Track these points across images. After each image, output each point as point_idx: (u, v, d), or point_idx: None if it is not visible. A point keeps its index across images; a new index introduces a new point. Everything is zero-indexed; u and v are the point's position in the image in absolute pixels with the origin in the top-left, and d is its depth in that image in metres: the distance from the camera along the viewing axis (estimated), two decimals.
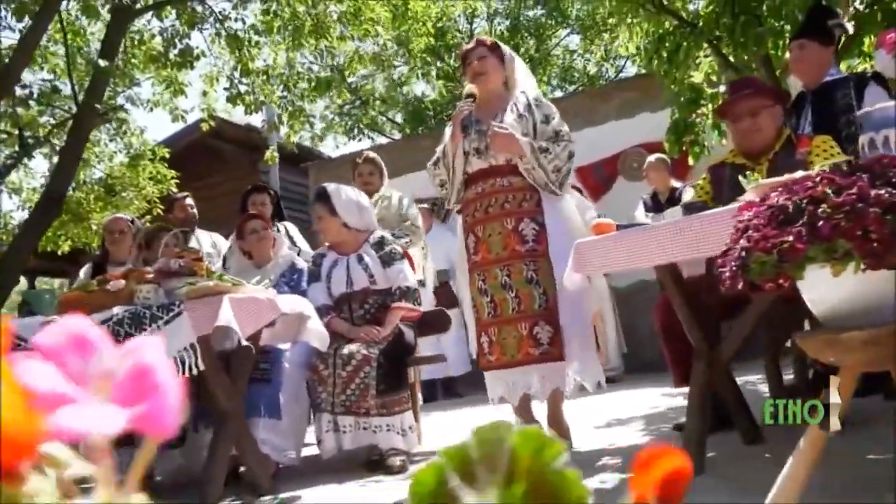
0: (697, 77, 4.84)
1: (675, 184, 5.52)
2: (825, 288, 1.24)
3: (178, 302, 2.25)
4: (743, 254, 1.34)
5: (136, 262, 3.75)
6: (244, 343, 2.34)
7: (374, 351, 2.86)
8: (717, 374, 2.14)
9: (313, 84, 5.28)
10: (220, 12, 4.98)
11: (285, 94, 5.35)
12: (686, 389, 2.26)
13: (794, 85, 4.06)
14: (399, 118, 10.81)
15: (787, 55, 3.11)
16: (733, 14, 4.01)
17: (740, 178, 1.90)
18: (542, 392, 2.49)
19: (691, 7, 4.98)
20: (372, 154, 3.96)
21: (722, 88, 4.76)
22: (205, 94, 5.59)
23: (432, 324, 3.35)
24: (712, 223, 1.80)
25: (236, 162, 7.93)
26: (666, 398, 3.71)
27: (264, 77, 5.16)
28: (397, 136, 11.28)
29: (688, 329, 2.15)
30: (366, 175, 3.85)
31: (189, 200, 4.89)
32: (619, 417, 3.29)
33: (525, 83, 2.90)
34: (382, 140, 10.98)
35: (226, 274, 2.69)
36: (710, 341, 2.13)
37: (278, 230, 4.02)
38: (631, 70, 10.19)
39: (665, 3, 4.61)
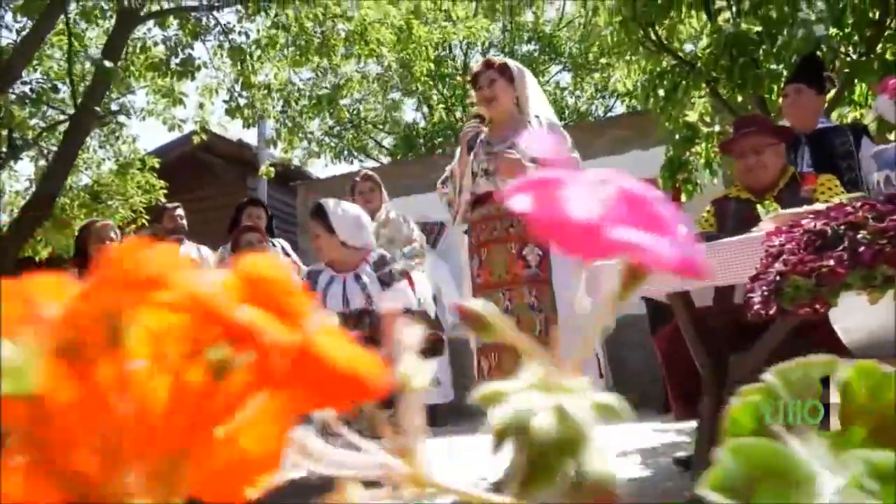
0: (692, 116, 4.92)
1: None
2: (861, 315, 1.23)
3: None
4: (777, 278, 1.33)
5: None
6: None
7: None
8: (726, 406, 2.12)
9: (313, 101, 5.26)
10: (224, 24, 4.98)
11: (286, 109, 5.32)
12: (679, 424, 2.24)
13: None
14: (388, 142, 10.84)
15: (782, 99, 3.17)
16: (731, 56, 4.09)
17: (759, 207, 1.90)
18: None
19: (688, 48, 5.09)
20: (371, 172, 3.94)
21: (717, 128, 4.84)
22: (201, 106, 5.55)
23: (429, 348, 3.29)
24: (734, 251, 1.79)
25: (226, 177, 7.86)
26: (657, 434, 3.68)
27: (265, 91, 5.13)
28: (385, 160, 11.30)
29: (698, 359, 2.13)
30: (367, 193, 3.82)
31: (180, 211, 4.83)
32: (614, 450, 3.25)
33: (538, 102, 2.90)
34: (371, 164, 10.99)
35: None
36: (720, 373, 2.11)
37: (273, 245, 3.96)
38: (619, 109, 10.36)
39: (664, 42, 4.70)
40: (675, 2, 4.20)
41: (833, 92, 3.66)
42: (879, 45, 3.84)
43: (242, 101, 5.13)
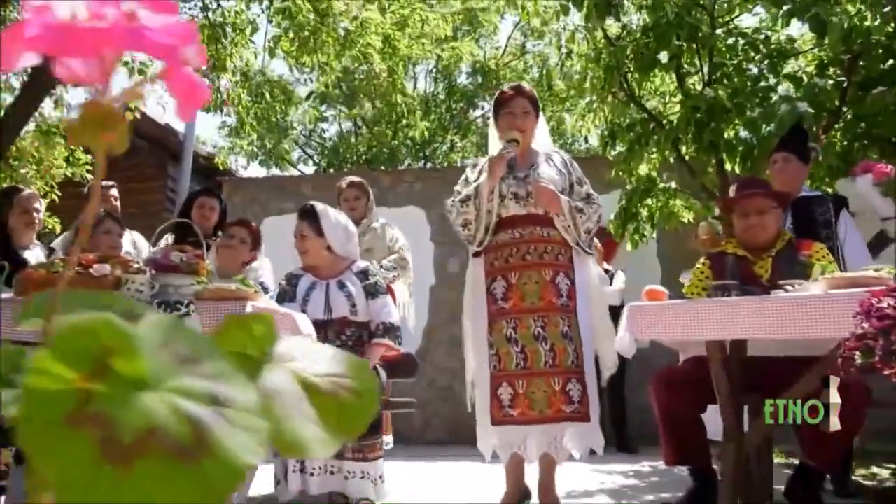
0: (643, 169, 5.11)
1: (606, 266, 5.73)
2: None
3: (186, 301, 1.93)
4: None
5: (66, 250, 3.26)
6: None
7: None
8: (747, 456, 2.14)
9: (282, 98, 4.98)
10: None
11: (259, 100, 4.99)
12: (637, 465, 2.23)
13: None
14: (310, 152, 10.54)
15: (770, 165, 3.34)
16: (702, 121, 4.30)
17: (816, 265, 1.95)
18: (561, 452, 2.38)
19: (650, 103, 5.30)
20: (358, 179, 3.76)
21: (673, 184, 5.06)
22: (152, 80, 5.09)
23: (402, 368, 3.15)
24: (795, 307, 1.82)
25: (146, 162, 7.28)
26: (618, 475, 3.70)
27: (241, 78, 4.79)
28: (308, 170, 10.97)
29: (724, 408, 2.15)
30: (351, 200, 3.62)
31: (115, 191, 4.39)
32: (605, 489, 3.23)
33: (547, 138, 2.92)
34: (293, 172, 10.62)
35: (248, 278, 2.37)
36: (741, 423, 2.14)
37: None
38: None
39: (634, 94, 4.88)
40: (656, 61, 4.37)
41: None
42: (835, 133, 4.18)
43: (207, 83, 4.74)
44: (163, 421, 0.24)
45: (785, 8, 3.66)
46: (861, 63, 3.99)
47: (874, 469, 3.95)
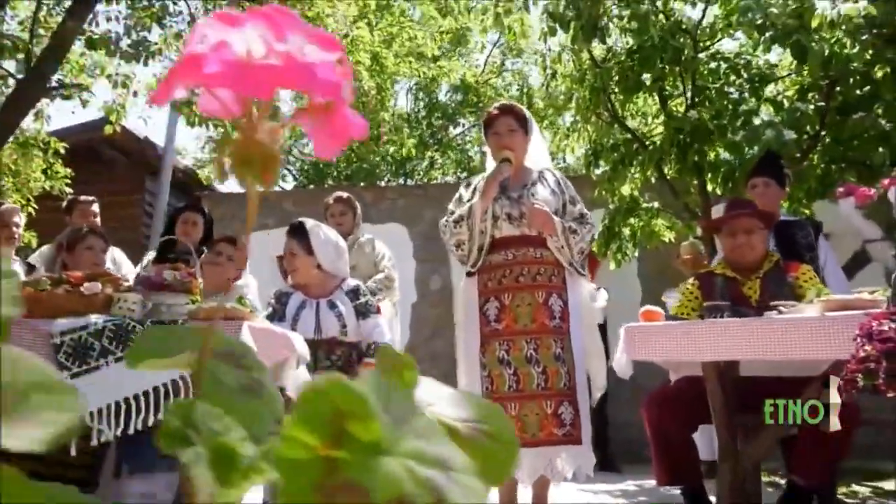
0: (625, 189, 5.17)
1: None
2: None
3: (180, 321, 1.89)
4: None
5: (52, 267, 3.19)
6: None
7: None
8: (743, 476, 2.15)
9: (275, 112, 4.92)
10: (193, 11, 4.55)
11: None
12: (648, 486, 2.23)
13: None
14: (293, 169, 10.50)
15: (750, 189, 3.40)
16: (685, 142, 4.37)
17: (812, 288, 1.98)
18: (556, 474, 2.37)
19: (631, 123, 5.38)
20: (345, 194, 3.73)
21: (656, 204, 5.12)
22: (135, 94, 5.03)
23: None
24: (794, 329, 1.84)
25: (124, 176, 7.18)
26: (629, 496, 3.70)
27: None
28: (286, 186, 10.90)
29: (719, 428, 2.16)
30: (338, 216, 3.59)
31: (95, 207, 4.30)
32: None
33: (541, 152, 2.91)
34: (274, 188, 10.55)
35: (245, 298, 2.33)
36: (736, 443, 2.15)
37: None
38: None
39: (618, 115, 4.95)
40: (641, 83, 4.44)
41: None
42: (814, 156, 4.27)
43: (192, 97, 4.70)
44: (409, 488, 0.23)
45: (767, 35, 3.75)
46: (838, 88, 4.10)
47: (854, 487, 4.00)
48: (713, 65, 4.54)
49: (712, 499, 2.57)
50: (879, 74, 3.81)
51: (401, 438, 0.25)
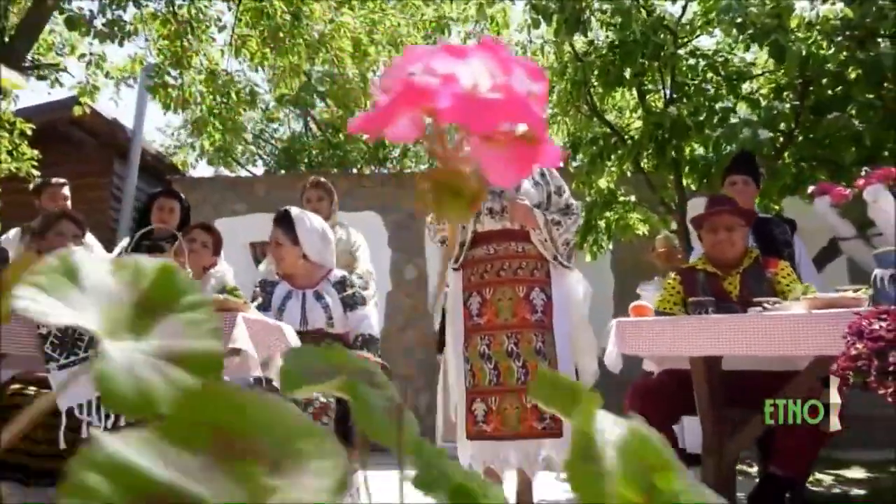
0: (602, 183, 5.23)
1: None
2: None
3: None
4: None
5: (17, 252, 3.09)
6: (257, 375, 1.97)
7: (332, 398, 2.58)
8: (726, 470, 2.21)
9: (246, 97, 4.83)
10: None
11: (224, 100, 4.82)
12: None
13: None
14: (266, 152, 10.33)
15: (728, 186, 3.46)
16: (663, 137, 4.43)
17: (798, 286, 2.04)
18: (536, 467, 2.39)
19: (609, 117, 5.43)
20: (322, 179, 3.67)
21: (633, 198, 5.19)
22: (107, 75, 4.87)
23: None
24: (783, 325, 1.89)
25: (91, 158, 6.99)
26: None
27: (208, 74, 4.61)
28: (257, 171, 10.75)
29: (704, 423, 2.21)
30: (314, 201, 3.50)
31: (66, 190, 4.19)
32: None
33: None
34: (241, 171, 10.38)
35: (238, 288, 2.29)
36: (721, 437, 2.20)
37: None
38: None
39: (597, 109, 4.99)
40: (622, 78, 4.48)
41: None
42: (787, 154, 4.37)
43: (170, 81, 4.57)
44: None
45: (747, 32, 3.81)
46: (811, 88, 4.20)
47: (818, 475, 4.14)
48: (692, 61, 4.60)
49: None
50: (853, 76, 3.91)
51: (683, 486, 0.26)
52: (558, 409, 0.31)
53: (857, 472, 4.34)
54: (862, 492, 3.75)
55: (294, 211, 3.03)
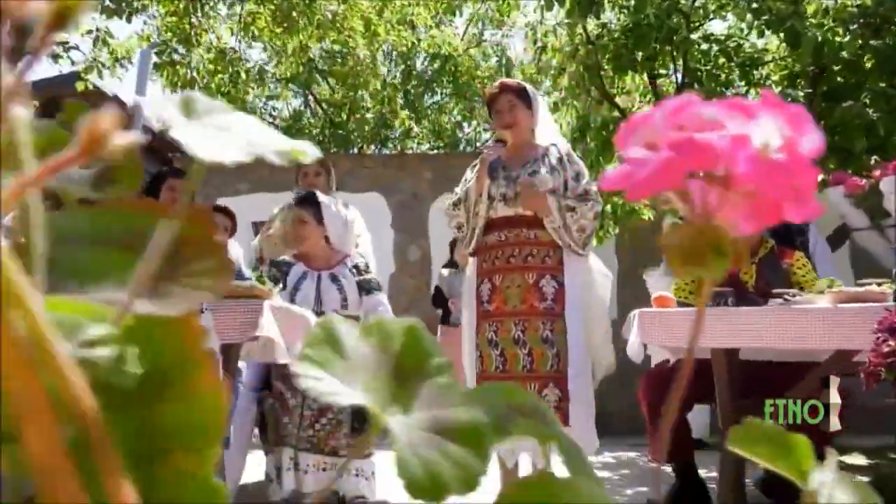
0: (611, 167, 5.22)
1: None
2: None
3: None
4: None
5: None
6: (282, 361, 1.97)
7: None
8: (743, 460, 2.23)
9: (262, 77, 4.77)
10: None
11: (235, 78, 4.75)
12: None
13: None
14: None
15: None
16: None
17: (823, 279, 2.04)
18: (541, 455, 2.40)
19: (619, 101, 5.40)
20: (319, 155, 3.60)
21: None
22: (112, 53, 4.80)
23: None
24: (811, 318, 1.90)
25: None
26: (611, 468, 3.79)
27: (217, 53, 4.54)
28: None
29: (724, 413, 2.22)
30: (311, 176, 3.38)
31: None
32: None
33: (548, 127, 2.87)
34: None
35: (264, 276, 2.28)
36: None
37: None
38: None
39: (608, 93, 4.96)
40: (634, 61, 4.45)
41: None
42: None
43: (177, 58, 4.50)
44: None
45: (763, 18, 3.78)
46: (824, 76, 4.18)
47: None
48: (704, 46, 4.57)
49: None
50: (868, 64, 3.90)
51: None
52: (766, 460, 0.31)
53: (857, 459, 4.39)
54: (863, 478, 3.80)
55: (320, 194, 3.01)
